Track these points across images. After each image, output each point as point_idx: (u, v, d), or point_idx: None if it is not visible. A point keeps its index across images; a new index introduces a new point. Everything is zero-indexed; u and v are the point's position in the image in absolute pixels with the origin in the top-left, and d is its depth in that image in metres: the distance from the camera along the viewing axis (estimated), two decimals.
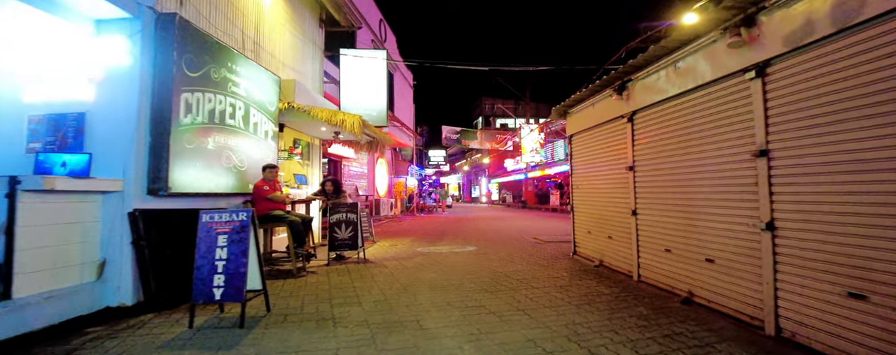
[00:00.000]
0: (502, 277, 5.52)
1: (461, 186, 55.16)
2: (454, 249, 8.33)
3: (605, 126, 5.98)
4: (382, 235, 11.39)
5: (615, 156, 5.72)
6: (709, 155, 3.97)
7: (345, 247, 6.98)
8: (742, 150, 3.58)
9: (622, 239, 5.56)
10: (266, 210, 6.35)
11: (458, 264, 6.59)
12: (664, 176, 4.67)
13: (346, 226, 7.05)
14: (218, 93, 5.93)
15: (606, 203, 6.01)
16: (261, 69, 7.14)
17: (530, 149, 28.37)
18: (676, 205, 4.47)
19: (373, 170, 19.14)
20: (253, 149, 6.76)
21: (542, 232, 11.54)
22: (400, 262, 6.90)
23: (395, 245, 9.34)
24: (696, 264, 4.16)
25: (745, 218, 3.54)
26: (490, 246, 8.75)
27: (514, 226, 13.56)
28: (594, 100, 6.18)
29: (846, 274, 2.75)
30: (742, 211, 3.58)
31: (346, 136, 9.31)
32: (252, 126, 6.74)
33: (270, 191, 6.39)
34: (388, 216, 19.60)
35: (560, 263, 6.54)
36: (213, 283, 3.96)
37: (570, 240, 9.20)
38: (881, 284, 2.54)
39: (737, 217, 3.64)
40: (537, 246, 8.63)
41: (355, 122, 7.30)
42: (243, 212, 4.16)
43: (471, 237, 10.54)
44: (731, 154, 3.71)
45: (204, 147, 5.64)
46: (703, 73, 3.98)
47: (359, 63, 10.26)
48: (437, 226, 14.65)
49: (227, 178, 6.10)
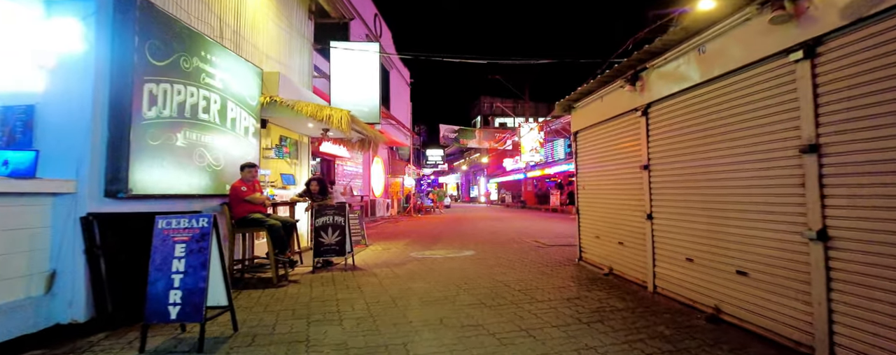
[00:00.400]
0: (502, 287, 4.99)
1: (460, 186, 54.62)
2: (450, 254, 7.80)
3: (615, 121, 5.45)
4: (376, 237, 10.86)
5: (627, 154, 5.19)
6: (741, 151, 3.44)
7: (331, 253, 6.44)
8: (784, 146, 3.05)
9: (635, 245, 5.03)
10: (244, 212, 5.82)
11: (454, 271, 6.06)
12: (686, 175, 4.14)
13: (333, 229, 6.51)
14: (189, 85, 5.39)
15: (617, 205, 5.48)
16: (241, 60, 6.60)
17: (530, 148, 27.85)
18: (701, 208, 3.94)
19: (368, 169, 18.60)
20: (231, 147, 6.22)
21: (543, 234, 11.01)
22: (391, 269, 6.37)
23: (388, 248, 8.81)
24: (725, 277, 3.63)
25: (789, 224, 3.02)
26: (488, 250, 8.21)
27: (514, 228, 13.03)
28: (602, 93, 5.65)
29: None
30: (785, 216, 3.05)
31: (336, 134, 8.76)
32: (230, 121, 6.21)
33: (249, 193, 5.85)
34: (384, 217, 19.07)
35: (565, 271, 6.00)
36: (169, 300, 3.42)
37: (573, 243, 8.66)
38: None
39: (778, 223, 3.11)
40: (539, 250, 8.10)
41: (343, 117, 6.76)
42: (204, 218, 3.62)
43: (468, 239, 10.01)
44: (769, 150, 3.18)
45: (172, 143, 5.11)
46: (734, 57, 3.44)
47: (350, 57, 9.72)
48: (434, 227, 14.12)
49: (200, 178, 5.56)
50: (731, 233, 3.57)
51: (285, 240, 6.01)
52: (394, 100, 19.32)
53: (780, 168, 3.08)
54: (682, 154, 4.19)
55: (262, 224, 5.78)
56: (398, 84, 20.68)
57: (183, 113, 5.28)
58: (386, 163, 21.57)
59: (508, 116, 39.17)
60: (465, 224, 15.39)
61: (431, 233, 12.11)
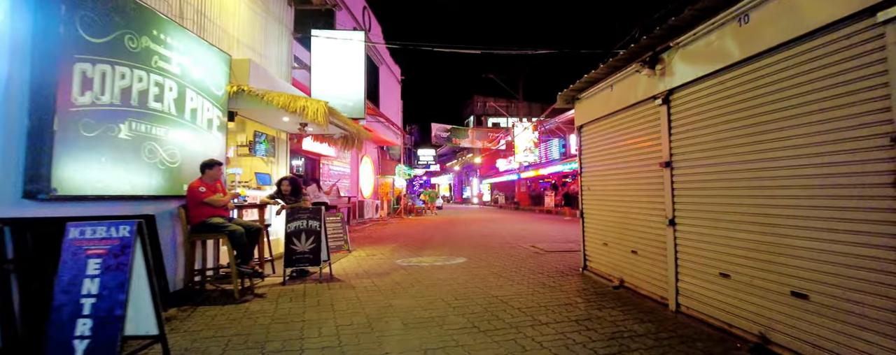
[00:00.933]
0: (499, 305, 4.28)
1: (452, 187, 53.88)
2: (440, 261, 7.08)
3: (628, 112, 4.76)
4: (362, 242, 10.10)
5: (643, 150, 4.50)
6: (809, 141, 2.74)
7: (304, 262, 5.69)
8: (869, 133, 2.37)
9: (652, 255, 4.34)
10: (202, 217, 5.07)
11: (444, 283, 5.34)
12: (721, 173, 3.46)
13: (307, 236, 5.76)
14: (137, 68, 4.63)
15: (629, 209, 4.79)
16: (204, 44, 5.84)
17: (524, 148, 27.20)
18: (743, 213, 3.26)
19: (357, 169, 17.82)
20: (191, 142, 5.47)
21: (540, 238, 10.32)
22: (372, 280, 5.63)
23: (372, 255, 8.06)
24: (776, 298, 2.95)
25: (871, 235, 2.34)
26: (482, 256, 7.50)
27: (509, 231, 12.34)
28: (613, 80, 4.96)
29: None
30: (867, 225, 2.37)
31: (315, 129, 8.02)
32: (189, 112, 5.45)
33: (208, 194, 5.10)
34: (372, 219, 18.30)
35: (569, 282, 5.31)
36: (75, 332, 2.67)
37: (574, 249, 8.01)
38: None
39: (856, 234, 2.43)
40: (537, 257, 7.40)
41: (319, 109, 6.02)
42: (125, 225, 2.87)
43: (460, 244, 9.29)
44: (846, 139, 2.50)
45: (113, 136, 4.35)
46: (794, 23, 2.76)
47: (333, 47, 8.97)
48: (425, 229, 13.39)
49: (150, 177, 4.80)
50: (785, 245, 2.88)
51: (249, 249, 5.26)
52: (383, 97, 18.55)
53: (862, 163, 2.40)
54: (717, 148, 3.51)
55: (221, 230, 5.03)
56: (388, 81, 19.90)
57: (128, 100, 4.53)
58: (375, 162, 20.80)
59: (502, 116, 38.54)
60: (456, 226, 14.68)
61: (421, 236, 11.38)
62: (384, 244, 9.72)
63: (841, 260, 2.51)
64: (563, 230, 12.49)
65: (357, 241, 10.24)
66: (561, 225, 14.74)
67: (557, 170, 25.27)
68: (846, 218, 2.48)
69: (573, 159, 22.66)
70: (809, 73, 2.69)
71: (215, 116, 6.02)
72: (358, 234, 12.09)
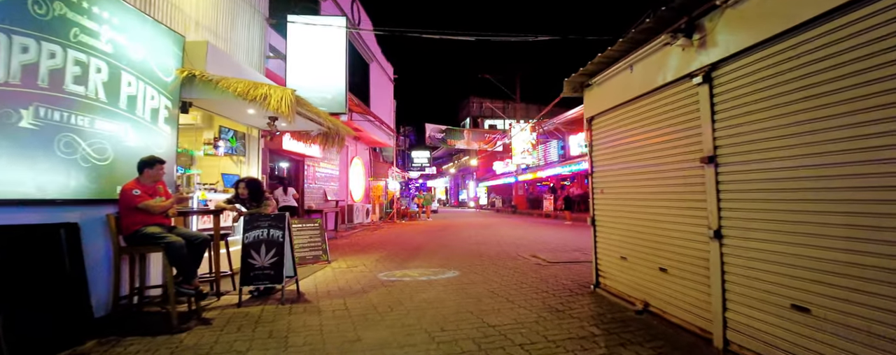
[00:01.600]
0: (496, 339, 3.38)
1: (448, 190, 52.93)
2: (428, 275, 6.17)
3: (654, 96, 3.88)
4: (345, 250, 9.17)
5: (675, 143, 3.62)
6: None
7: (263, 279, 4.76)
8: None
9: (689, 275, 3.45)
10: (136, 225, 4.17)
11: (430, 306, 4.44)
12: (793, 172, 2.58)
13: (268, 247, 4.84)
14: (48, 40, 3.75)
15: (657, 216, 3.90)
16: (149, 20, 4.95)
17: (521, 149, 26.33)
18: (831, 224, 2.37)
19: (346, 171, 16.90)
20: (127, 135, 4.58)
21: (540, 246, 9.42)
22: (345, 301, 4.72)
23: (353, 266, 7.14)
24: (890, 347, 2.07)
25: None
26: (476, 269, 6.60)
27: (507, 238, 11.43)
28: (634, 59, 4.09)
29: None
30: None
31: (288, 126, 7.12)
32: (125, 100, 4.55)
33: (143, 198, 4.20)
34: (363, 223, 17.36)
35: (581, 305, 4.41)
36: None
37: (580, 259, 7.11)
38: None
39: None
40: (540, 269, 6.50)
41: (284, 98, 5.11)
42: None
43: (453, 253, 8.38)
44: None
45: (10, 124, 3.47)
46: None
47: (311, 34, 8.08)
48: (417, 235, 12.47)
49: (68, 177, 3.91)
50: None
51: (193, 264, 4.35)
52: (375, 96, 17.63)
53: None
54: (781, 137, 2.63)
55: (156, 241, 4.11)
56: (380, 79, 18.98)
57: (33, 80, 3.64)
58: (367, 164, 19.88)
59: (499, 118, 37.67)
60: (451, 232, 13.77)
61: (411, 243, 10.46)
62: (370, 253, 8.80)
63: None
64: (565, 236, 11.61)
65: (340, 249, 9.32)
66: (561, 230, 13.86)
67: (556, 172, 24.44)
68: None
69: (572, 161, 21.84)
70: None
71: (162, 106, 5.12)
72: (344, 241, 11.16)
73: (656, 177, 3.89)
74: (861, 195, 2.22)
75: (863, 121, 2.20)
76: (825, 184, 2.40)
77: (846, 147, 2.29)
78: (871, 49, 2.15)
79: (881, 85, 2.11)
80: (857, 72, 2.22)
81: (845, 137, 2.29)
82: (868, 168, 2.18)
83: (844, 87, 2.29)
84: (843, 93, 2.30)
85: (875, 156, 2.15)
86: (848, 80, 2.27)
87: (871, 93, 2.16)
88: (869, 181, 2.18)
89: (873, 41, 2.14)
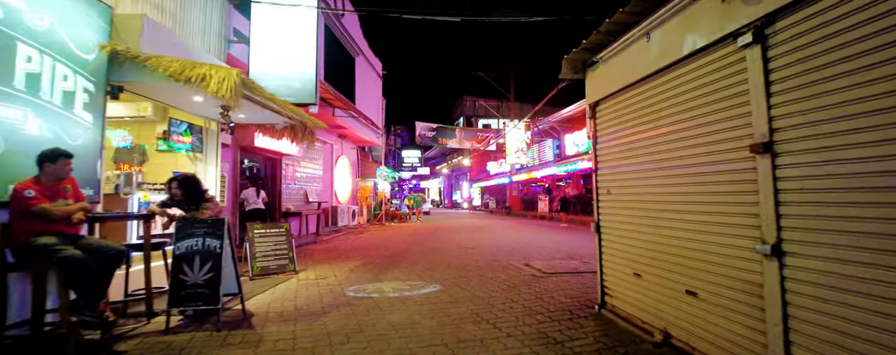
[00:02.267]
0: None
1: (442, 191, 51.99)
2: (404, 290, 5.30)
3: (679, 69, 3.04)
4: (320, 256, 8.27)
5: (710, 127, 2.78)
6: None
7: (196, 300, 3.87)
8: None
9: (731, 303, 2.61)
10: (29, 234, 3.30)
11: (397, 335, 3.56)
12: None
13: (203, 261, 3.96)
14: None
15: (682, 223, 3.06)
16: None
17: (515, 149, 25.50)
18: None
19: (331, 171, 16.00)
20: (26, 122, 3.73)
21: (535, 251, 8.58)
22: (295, 328, 3.84)
23: (323, 278, 6.27)
24: None
25: None
26: (462, 281, 5.74)
27: (499, 242, 10.58)
28: (650, 24, 3.25)
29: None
30: None
31: (244, 116, 6.23)
32: (21, 77, 3.69)
33: (39, 200, 3.34)
34: (348, 226, 16.45)
35: (584, 333, 3.56)
36: None
37: (579, 269, 6.23)
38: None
39: None
40: (534, 282, 5.65)
41: (227, 80, 4.23)
42: None
43: (438, 261, 7.52)
44: None
45: None
46: None
47: (279, 15, 7.19)
48: (402, 240, 11.59)
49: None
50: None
51: (99, 284, 3.47)
52: (361, 92, 16.70)
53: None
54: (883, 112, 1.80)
55: (49, 255, 3.23)
56: (367, 75, 18.04)
57: None
58: (354, 164, 18.98)
59: (493, 118, 36.80)
60: (440, 236, 12.90)
61: (395, 249, 9.58)
62: (346, 260, 7.92)
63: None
64: (561, 240, 10.77)
65: (315, 256, 8.44)
66: (557, 233, 13.03)
67: (551, 172, 23.62)
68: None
69: (568, 161, 21.03)
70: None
71: (80, 89, 4.24)
72: (322, 246, 10.27)
73: (682, 174, 3.05)
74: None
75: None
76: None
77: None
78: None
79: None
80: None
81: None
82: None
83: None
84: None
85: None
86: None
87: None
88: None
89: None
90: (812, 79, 2.10)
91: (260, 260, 6.57)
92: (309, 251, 9.36)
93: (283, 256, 6.79)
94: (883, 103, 1.81)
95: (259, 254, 6.60)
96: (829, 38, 2.02)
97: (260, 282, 6.09)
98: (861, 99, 1.89)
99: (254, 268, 6.45)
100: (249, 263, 6.43)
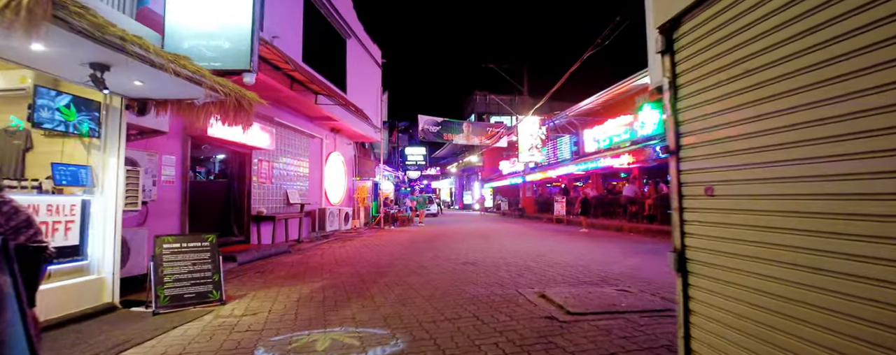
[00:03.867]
0: None
1: (453, 191, 49.93)
2: (345, 351, 3.38)
3: None
4: (276, 275, 6.37)
5: None
6: None
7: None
8: None
9: None
10: None
11: None
12: None
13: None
14: None
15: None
16: None
17: (528, 146, 23.43)
18: None
19: (320, 169, 14.16)
20: None
21: (553, 270, 6.58)
22: None
23: (251, 313, 4.37)
24: None
25: None
26: (443, 327, 3.79)
27: (508, 255, 8.59)
28: None
29: None
30: None
31: (141, 85, 4.37)
32: None
33: None
34: (339, 231, 14.60)
35: None
36: None
37: (624, 308, 3.81)
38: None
39: None
40: (556, 334, 3.67)
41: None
42: None
43: (421, 286, 5.58)
44: None
45: None
46: None
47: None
48: (391, 250, 9.66)
49: None
50: None
51: None
52: (353, 80, 14.80)
53: None
54: None
55: None
56: (361, 61, 16.11)
57: None
58: (350, 162, 17.14)
59: (506, 114, 34.70)
60: (438, 245, 10.95)
61: (375, 263, 7.66)
62: (306, 281, 6.02)
63: None
64: (584, 253, 8.74)
65: (273, 274, 6.56)
66: (578, 241, 10.99)
67: (568, 171, 21.54)
68: None
69: (588, 159, 18.86)
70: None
71: None
72: (292, 258, 8.38)
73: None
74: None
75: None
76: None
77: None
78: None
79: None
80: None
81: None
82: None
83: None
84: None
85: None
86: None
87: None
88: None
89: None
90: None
91: (169, 287, 4.71)
92: (271, 265, 7.50)
93: (206, 281, 4.92)
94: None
95: (169, 279, 4.74)
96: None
97: (160, 319, 4.26)
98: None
99: (160, 298, 4.60)
100: (153, 291, 4.59)
